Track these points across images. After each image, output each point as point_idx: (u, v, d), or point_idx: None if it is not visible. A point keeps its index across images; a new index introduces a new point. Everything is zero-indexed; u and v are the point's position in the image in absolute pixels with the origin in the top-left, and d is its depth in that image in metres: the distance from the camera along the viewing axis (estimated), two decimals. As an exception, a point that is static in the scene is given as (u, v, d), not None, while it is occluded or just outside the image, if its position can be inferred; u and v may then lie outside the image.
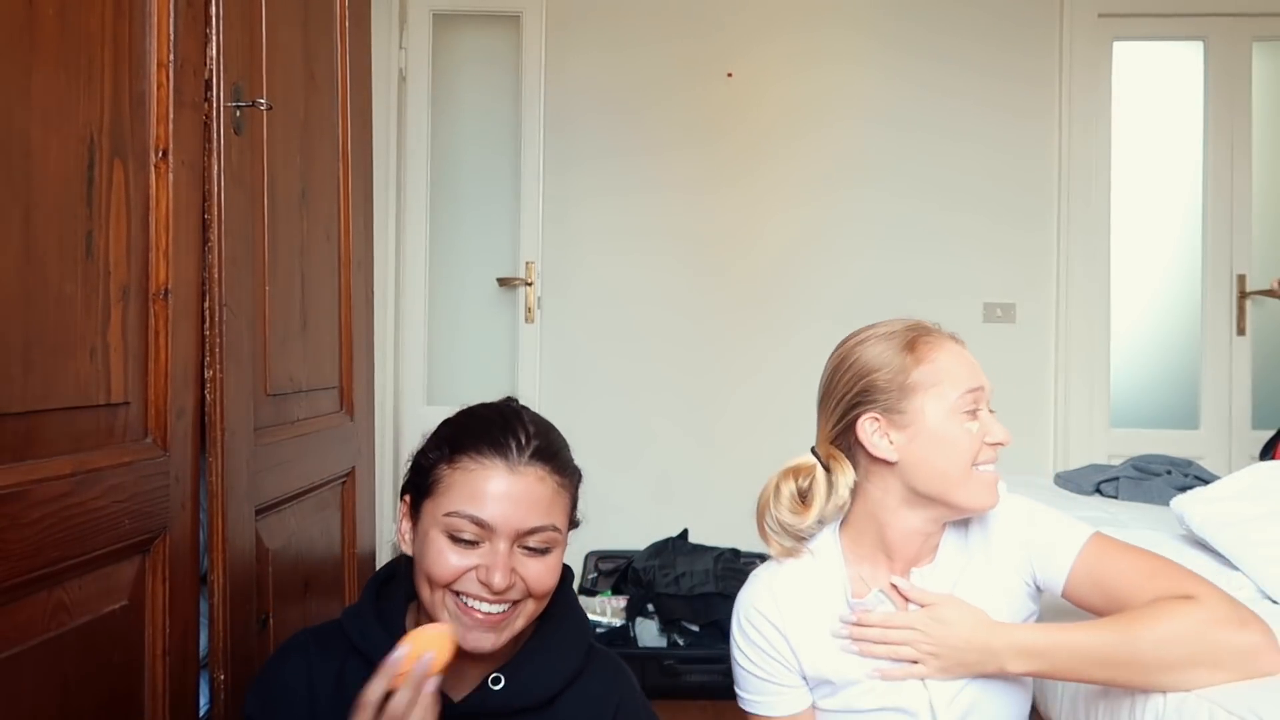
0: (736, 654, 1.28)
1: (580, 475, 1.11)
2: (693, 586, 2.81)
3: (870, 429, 1.23)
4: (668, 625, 2.76)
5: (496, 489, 1.00)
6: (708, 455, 3.47)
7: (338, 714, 1.01)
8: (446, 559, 0.99)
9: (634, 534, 3.23)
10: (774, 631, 1.24)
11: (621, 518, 3.32)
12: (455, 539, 1.00)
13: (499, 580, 0.98)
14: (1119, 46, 3.51)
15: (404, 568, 1.09)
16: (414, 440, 1.10)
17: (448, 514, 1.00)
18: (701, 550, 3.08)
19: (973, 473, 1.21)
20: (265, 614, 1.42)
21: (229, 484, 1.28)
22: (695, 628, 2.75)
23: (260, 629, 1.40)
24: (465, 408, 1.11)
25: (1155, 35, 3.58)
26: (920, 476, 1.21)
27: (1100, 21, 3.48)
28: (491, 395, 3.63)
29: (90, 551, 0.98)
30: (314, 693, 1.05)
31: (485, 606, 1.00)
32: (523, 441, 1.02)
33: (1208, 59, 3.50)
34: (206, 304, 1.25)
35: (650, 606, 2.80)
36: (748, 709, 1.29)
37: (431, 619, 1.02)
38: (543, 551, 1.02)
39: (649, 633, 2.75)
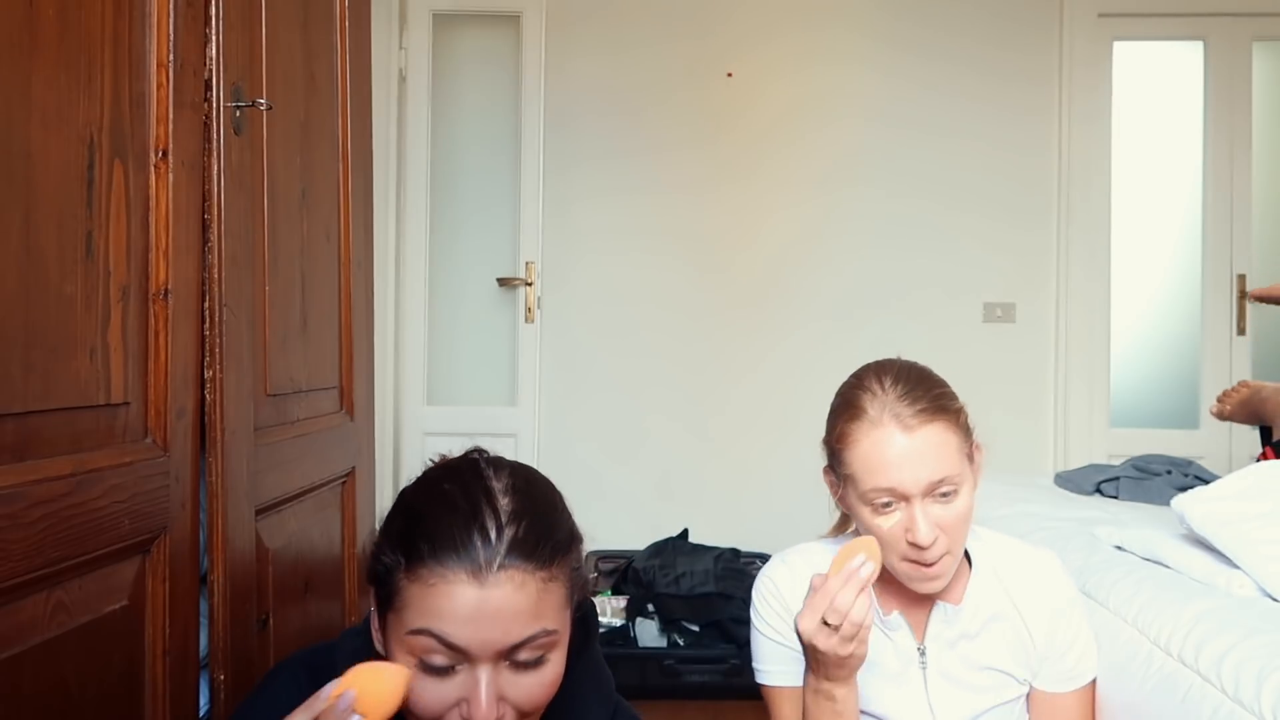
0: (754, 619, 1.30)
1: (579, 539, 0.92)
2: (693, 586, 2.80)
3: (827, 479, 1.28)
4: (668, 625, 2.76)
5: (464, 608, 0.80)
6: (708, 454, 3.47)
7: None
8: (420, 697, 0.82)
9: (634, 533, 3.23)
10: (783, 609, 1.28)
11: (621, 517, 3.32)
12: (426, 666, 0.82)
13: (484, 718, 0.81)
14: (1119, 46, 3.52)
15: None
16: (414, 440, 1.08)
17: (411, 633, 0.82)
18: (701, 550, 3.08)
19: (899, 561, 1.18)
20: (265, 614, 1.42)
21: (229, 484, 1.28)
22: (695, 628, 2.75)
23: (260, 629, 1.40)
24: (428, 473, 0.92)
25: (1155, 35, 3.58)
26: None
27: (1100, 21, 3.48)
28: (492, 395, 3.61)
29: (90, 552, 0.98)
30: None
31: None
32: (492, 537, 0.82)
33: (1208, 59, 3.50)
34: (206, 304, 1.25)
35: (650, 606, 2.80)
36: (763, 680, 1.29)
37: None
38: (536, 663, 0.84)
39: (649, 633, 2.75)
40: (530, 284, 3.42)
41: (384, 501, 1.12)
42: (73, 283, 0.98)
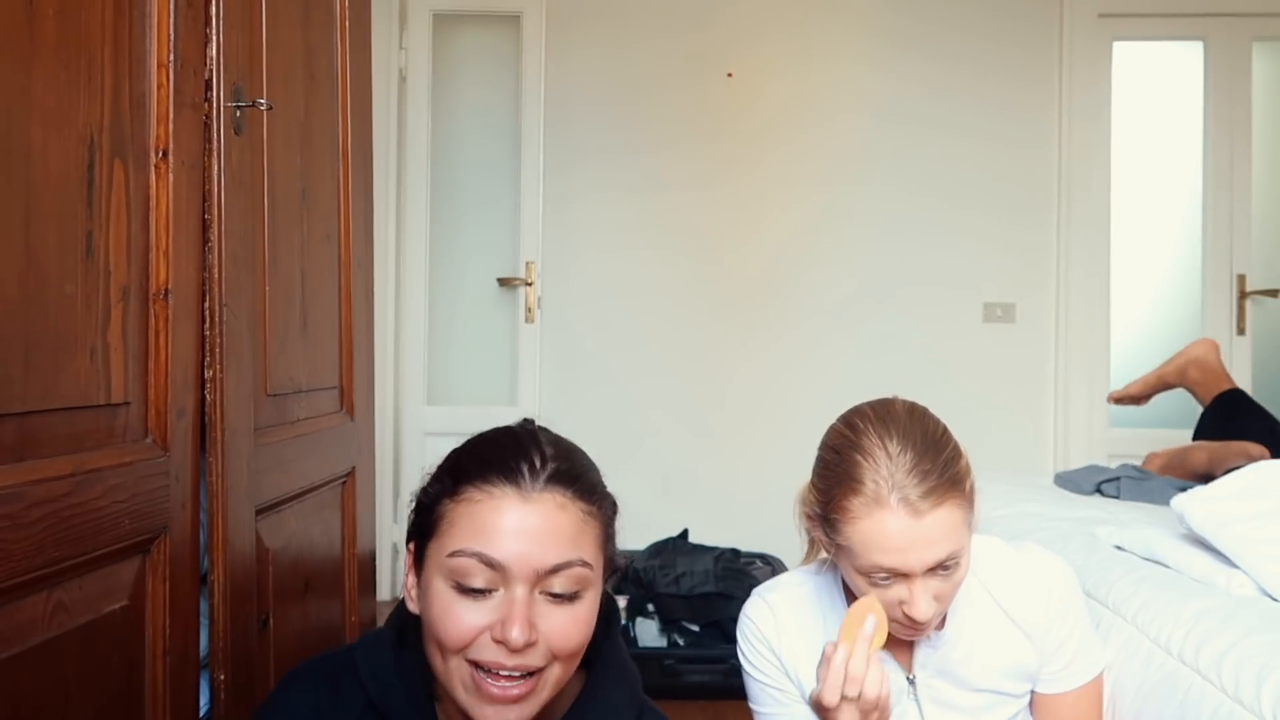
0: (744, 664, 1.27)
1: (615, 505, 0.97)
2: (693, 586, 2.80)
3: (813, 529, 1.19)
4: (668, 625, 2.76)
5: (508, 522, 0.83)
6: (709, 454, 3.47)
7: None
8: (455, 617, 0.83)
9: (634, 533, 3.19)
10: (770, 653, 1.25)
11: (622, 517, 3.30)
12: (463, 589, 0.84)
13: (517, 634, 0.81)
14: (1119, 46, 3.52)
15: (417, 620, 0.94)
16: (414, 440, 1.09)
17: (451, 554, 0.84)
18: (701, 550, 3.08)
19: (893, 624, 1.12)
20: (265, 615, 1.42)
21: (230, 484, 1.28)
22: (695, 628, 2.75)
23: (260, 629, 1.40)
24: (477, 434, 0.97)
25: (1155, 35, 3.58)
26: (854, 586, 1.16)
27: (1100, 21, 3.48)
28: (492, 395, 3.64)
29: (90, 552, 0.98)
30: None
31: (505, 672, 0.83)
32: (537, 464, 0.87)
33: (1208, 59, 3.50)
34: (207, 304, 1.25)
35: (650, 606, 2.80)
36: None
37: (446, 689, 0.88)
38: (570, 598, 0.86)
39: (649, 633, 2.75)
40: (530, 284, 3.42)
41: (384, 501, 1.13)
42: (73, 283, 0.98)
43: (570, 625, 0.85)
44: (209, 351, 1.25)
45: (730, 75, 3.48)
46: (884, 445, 1.07)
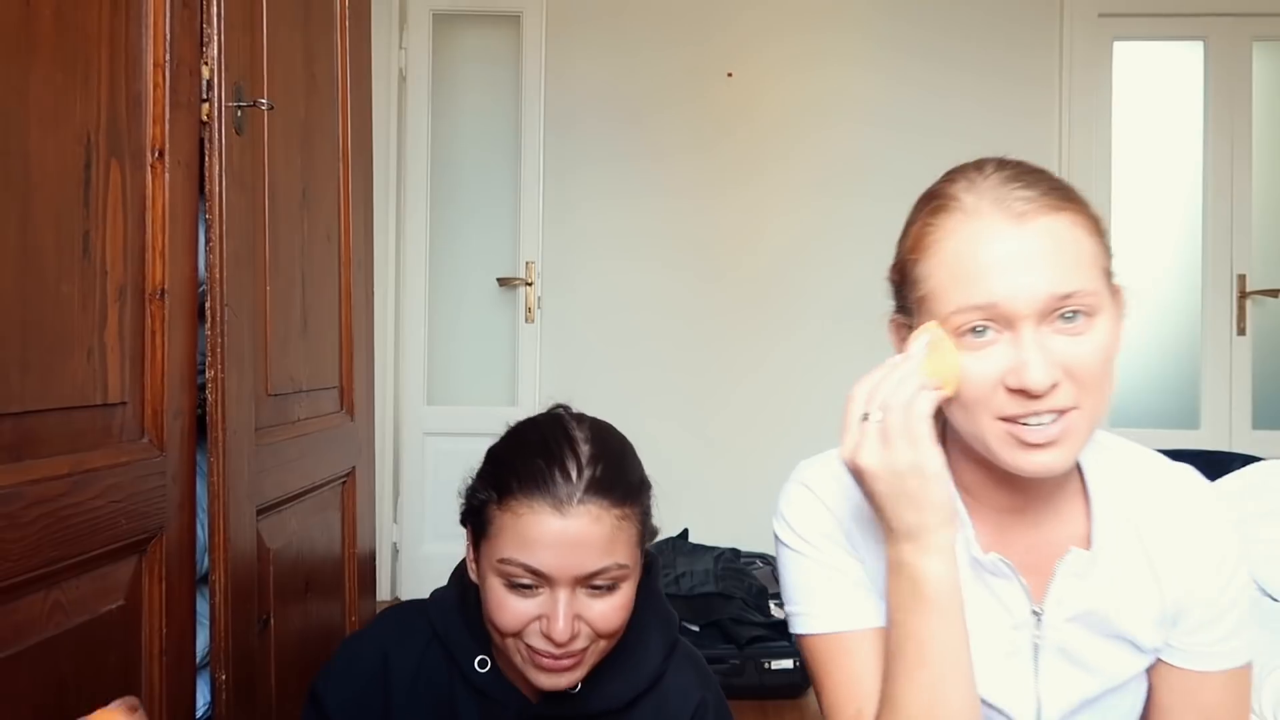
0: (785, 538, 0.96)
1: (649, 486, 1.02)
2: (693, 586, 2.80)
3: (895, 333, 0.94)
4: (668, 625, 2.76)
5: (547, 536, 0.90)
6: (708, 455, 3.47)
7: (416, 696, 1.03)
8: (508, 609, 0.93)
9: (634, 534, 3.22)
10: (824, 510, 0.94)
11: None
12: (513, 585, 0.92)
13: (560, 632, 0.90)
14: (1119, 46, 3.51)
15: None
16: (414, 440, 1.10)
17: (501, 560, 0.92)
18: (701, 550, 3.08)
19: (992, 424, 0.81)
20: (266, 615, 1.42)
21: (231, 484, 1.28)
22: (695, 628, 2.75)
23: (261, 629, 1.40)
24: (514, 426, 1.03)
25: (1155, 35, 3.57)
26: (947, 410, 0.84)
27: (1100, 21, 3.47)
28: (492, 395, 3.61)
29: (87, 552, 0.98)
30: (390, 675, 1.05)
31: (554, 652, 0.93)
32: (573, 476, 0.92)
33: (1208, 59, 3.50)
34: (208, 304, 1.25)
35: (650, 607, 2.80)
36: (804, 629, 0.93)
37: (504, 654, 0.98)
38: (609, 588, 0.94)
39: (649, 633, 2.75)
40: (530, 284, 3.42)
41: (384, 501, 1.13)
42: (70, 282, 0.98)
43: (610, 612, 0.94)
44: (210, 351, 1.25)
45: (730, 75, 3.48)
46: (979, 168, 0.86)
